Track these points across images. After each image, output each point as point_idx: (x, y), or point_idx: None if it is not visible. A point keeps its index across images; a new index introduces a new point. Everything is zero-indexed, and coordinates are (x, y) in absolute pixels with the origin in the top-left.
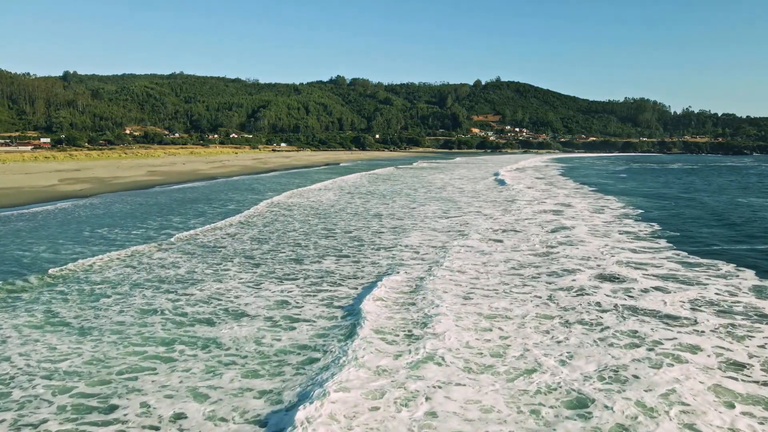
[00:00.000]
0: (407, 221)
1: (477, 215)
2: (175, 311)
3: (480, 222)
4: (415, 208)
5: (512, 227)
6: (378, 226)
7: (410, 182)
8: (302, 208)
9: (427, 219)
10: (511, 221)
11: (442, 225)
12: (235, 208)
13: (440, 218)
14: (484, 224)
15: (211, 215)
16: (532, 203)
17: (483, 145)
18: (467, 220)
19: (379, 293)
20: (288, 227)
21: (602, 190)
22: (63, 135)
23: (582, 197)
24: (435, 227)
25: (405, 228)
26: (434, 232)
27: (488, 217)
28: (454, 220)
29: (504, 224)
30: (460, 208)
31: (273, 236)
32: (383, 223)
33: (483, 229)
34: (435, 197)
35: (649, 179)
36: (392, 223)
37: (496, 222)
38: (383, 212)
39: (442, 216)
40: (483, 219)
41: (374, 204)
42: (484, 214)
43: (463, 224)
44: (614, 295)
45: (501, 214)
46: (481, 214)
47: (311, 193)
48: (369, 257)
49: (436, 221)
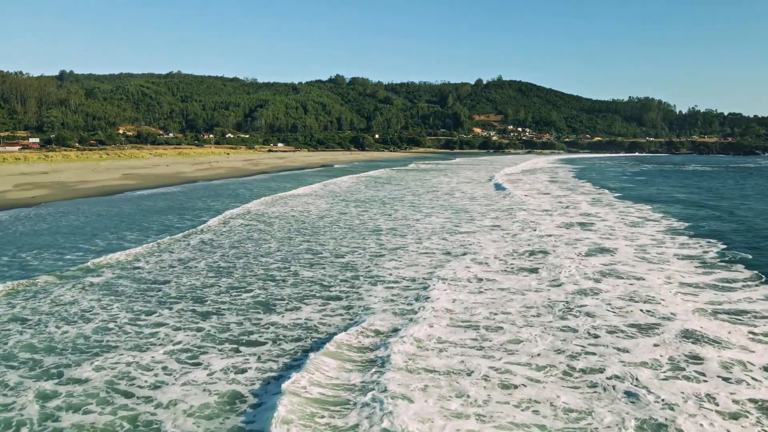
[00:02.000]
0: (410, 238)
1: (493, 230)
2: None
3: (497, 240)
4: (420, 220)
5: (536, 247)
6: (377, 247)
7: (412, 186)
8: (285, 221)
9: (434, 236)
10: (533, 239)
11: (453, 245)
12: (205, 220)
13: (450, 234)
14: (503, 245)
15: (176, 228)
16: (552, 213)
17: (485, 145)
18: (482, 238)
19: (395, 381)
20: (262, 248)
21: (627, 196)
22: (52, 135)
23: (608, 205)
24: (445, 247)
25: (408, 249)
26: (445, 256)
27: (506, 233)
28: (466, 238)
29: (525, 243)
30: (472, 220)
31: (239, 263)
32: (383, 242)
33: (503, 253)
34: (442, 205)
35: (672, 182)
36: (394, 241)
37: (516, 240)
38: (382, 225)
39: (452, 230)
40: (500, 236)
41: (373, 215)
42: (501, 229)
43: (478, 244)
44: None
45: (519, 228)
46: (498, 228)
47: (299, 200)
48: (365, 298)
49: (446, 238)
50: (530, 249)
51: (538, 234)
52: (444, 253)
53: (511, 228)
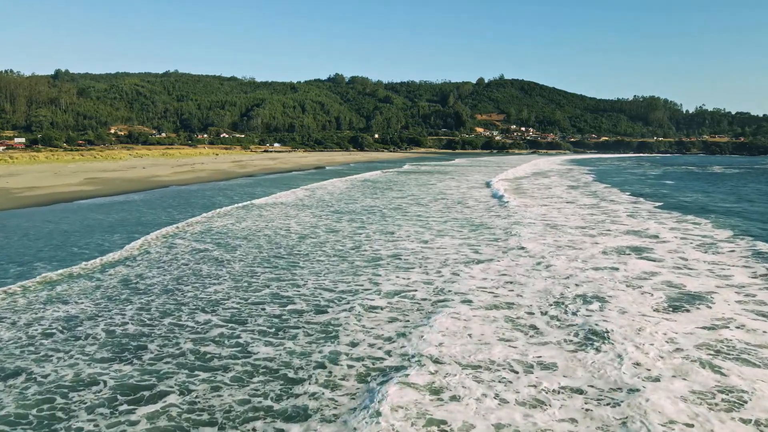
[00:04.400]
0: (417, 273)
1: (521, 256)
2: None
3: (531, 275)
4: (429, 242)
5: (586, 291)
6: (373, 291)
7: (417, 193)
8: (254, 243)
9: (448, 268)
10: (576, 273)
11: (475, 281)
12: (145, 240)
13: (468, 264)
14: (539, 284)
15: (110, 253)
16: (589, 231)
17: (488, 145)
18: (512, 272)
19: None
20: (205, 294)
21: (669, 204)
22: (39, 135)
23: (654, 218)
24: (462, 289)
25: (416, 297)
26: (467, 308)
27: (540, 262)
28: (491, 274)
29: (568, 280)
30: (495, 241)
31: (158, 327)
32: (382, 281)
33: (544, 302)
34: (455, 219)
35: (707, 187)
36: (397, 280)
37: (555, 276)
38: (382, 251)
39: (470, 259)
40: (532, 265)
41: (370, 233)
42: (531, 255)
43: (507, 281)
44: None
45: (555, 253)
46: (527, 253)
47: (279, 210)
48: (355, 423)
49: (462, 274)
50: (577, 292)
51: (582, 265)
52: (463, 301)
53: (545, 254)
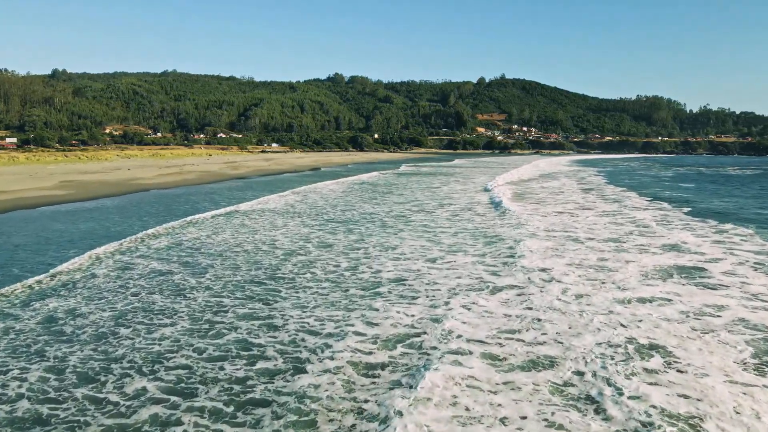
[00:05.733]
0: (423, 304)
1: (548, 281)
2: None
3: (563, 311)
4: (438, 261)
5: (640, 336)
6: (369, 336)
7: (420, 198)
8: (230, 262)
9: (458, 297)
10: (623, 312)
11: (501, 323)
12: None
13: (482, 291)
14: (572, 322)
15: None
16: (623, 244)
17: (490, 145)
18: (537, 301)
19: None
20: (140, 352)
21: (699, 211)
22: (32, 135)
23: (687, 227)
24: (480, 334)
25: (424, 345)
26: (488, 366)
27: (574, 294)
28: (513, 300)
29: (614, 319)
30: (511, 256)
31: (55, 424)
32: (379, 316)
33: (591, 357)
34: (465, 230)
35: (732, 190)
36: (400, 316)
37: (595, 312)
38: (383, 273)
39: (484, 282)
40: (567, 302)
41: (369, 248)
42: (560, 281)
43: (542, 322)
44: None
45: (584, 273)
46: (552, 278)
47: (265, 219)
48: None
49: (474, 307)
50: (626, 339)
51: (622, 294)
52: (484, 356)
53: (573, 278)
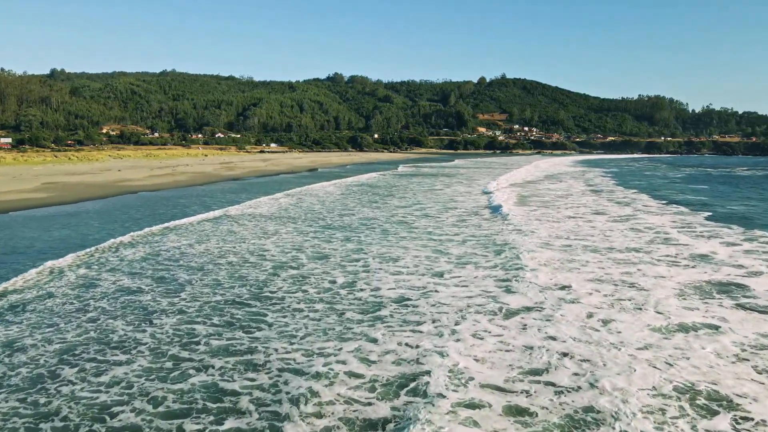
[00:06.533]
0: (428, 332)
1: (566, 302)
2: None
3: (599, 348)
4: (446, 275)
5: (700, 382)
6: (382, 407)
7: (422, 201)
8: (208, 275)
9: (486, 339)
10: (659, 338)
11: (518, 360)
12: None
13: (500, 317)
14: (605, 356)
15: None
16: (647, 254)
17: (491, 145)
18: (567, 339)
19: None
20: (79, 404)
21: (720, 216)
22: (26, 134)
23: (713, 234)
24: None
25: (437, 405)
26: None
27: (597, 318)
28: (531, 324)
29: (654, 355)
30: (522, 268)
31: None
32: (381, 364)
33: (636, 414)
34: (473, 236)
35: (747, 193)
36: (407, 355)
37: (630, 344)
38: (383, 291)
39: (502, 307)
40: (596, 330)
41: (369, 259)
42: (581, 301)
43: (571, 359)
44: None
45: (610, 293)
46: (572, 298)
47: (258, 224)
48: None
49: (501, 337)
50: (678, 386)
51: (659, 321)
52: (507, 413)
53: (597, 297)
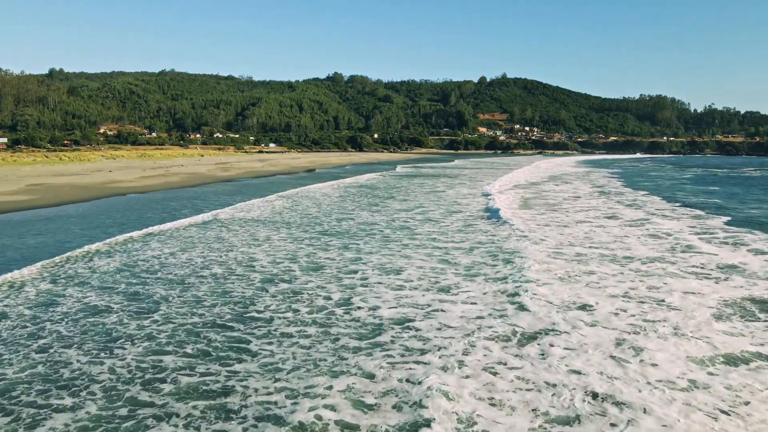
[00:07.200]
0: (439, 379)
1: (580, 324)
2: None
3: (637, 392)
4: (453, 290)
5: None
6: None
7: (424, 203)
8: (188, 291)
9: (501, 374)
10: (702, 374)
11: (540, 403)
12: None
13: (515, 344)
14: (648, 401)
15: None
16: (667, 266)
17: (492, 145)
18: (600, 384)
19: None
20: None
21: (741, 221)
22: (22, 134)
23: (737, 241)
24: None
25: None
26: None
27: (626, 345)
28: (553, 354)
29: (704, 399)
30: (533, 282)
31: None
32: (380, 414)
33: None
34: (480, 242)
35: (762, 195)
36: (411, 396)
37: (673, 386)
38: (383, 310)
39: (520, 331)
40: (627, 363)
41: (367, 271)
42: (611, 329)
43: (604, 401)
44: None
45: (637, 315)
46: (598, 324)
47: (248, 229)
48: None
49: (518, 371)
50: None
51: (709, 354)
52: None
53: (628, 320)
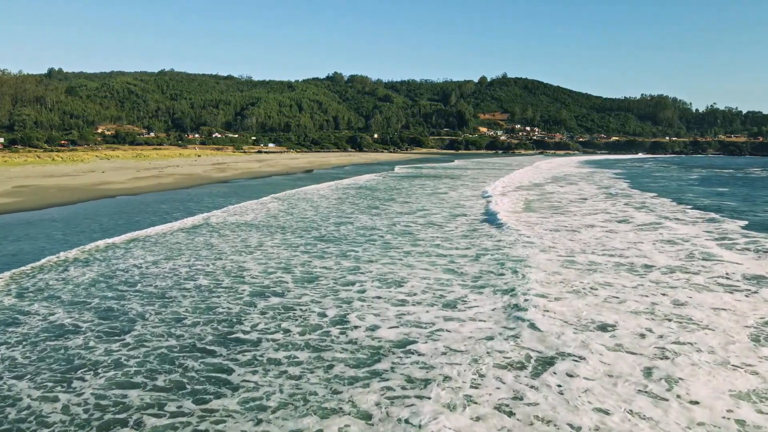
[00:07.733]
0: (445, 423)
1: (603, 348)
2: None
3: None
4: (459, 306)
5: None
6: None
7: (426, 206)
8: (168, 307)
9: (517, 415)
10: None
11: None
12: None
13: (531, 374)
14: None
15: None
16: (691, 277)
17: (493, 145)
18: None
19: None
20: None
21: (759, 224)
22: (19, 134)
23: (760, 248)
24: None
25: None
26: None
27: (665, 381)
28: (572, 386)
29: None
30: (544, 295)
31: None
32: None
33: None
34: (485, 249)
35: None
36: None
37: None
38: (382, 331)
39: (539, 356)
40: (666, 401)
41: (366, 283)
42: (640, 355)
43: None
44: None
45: (665, 334)
46: (624, 350)
47: (240, 234)
48: None
49: (536, 408)
50: None
51: (754, 385)
52: None
53: (656, 343)
